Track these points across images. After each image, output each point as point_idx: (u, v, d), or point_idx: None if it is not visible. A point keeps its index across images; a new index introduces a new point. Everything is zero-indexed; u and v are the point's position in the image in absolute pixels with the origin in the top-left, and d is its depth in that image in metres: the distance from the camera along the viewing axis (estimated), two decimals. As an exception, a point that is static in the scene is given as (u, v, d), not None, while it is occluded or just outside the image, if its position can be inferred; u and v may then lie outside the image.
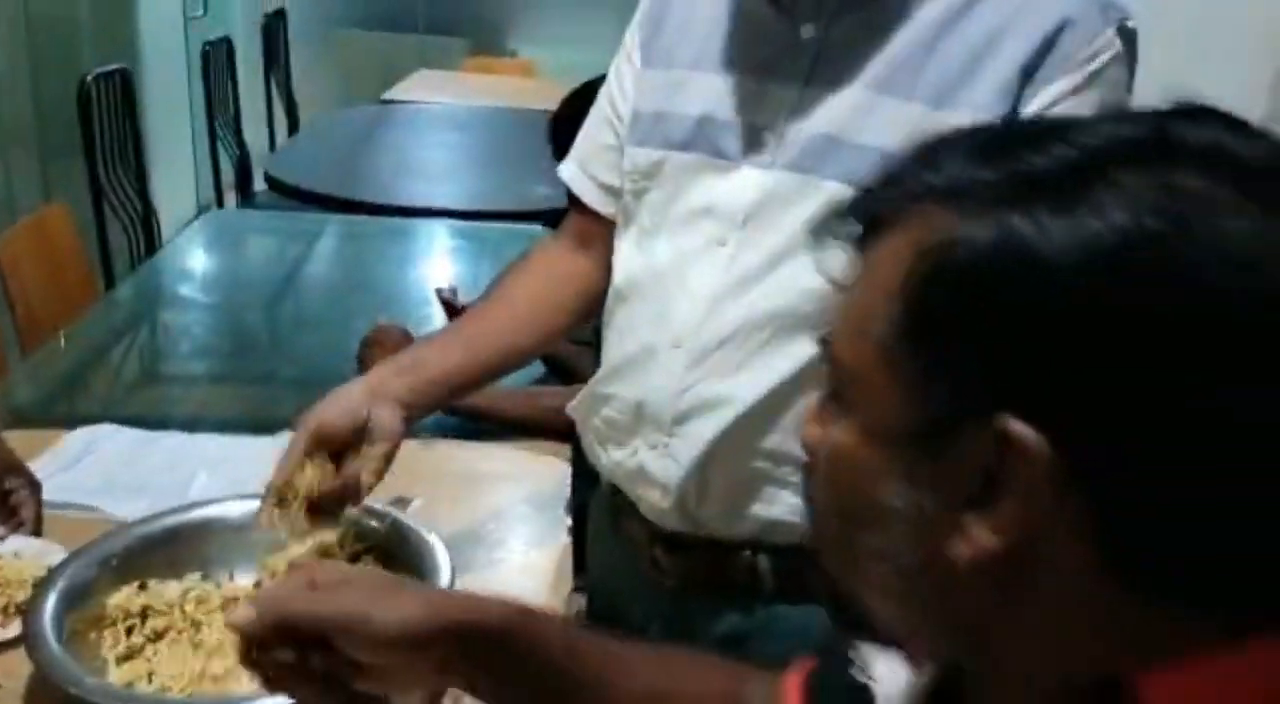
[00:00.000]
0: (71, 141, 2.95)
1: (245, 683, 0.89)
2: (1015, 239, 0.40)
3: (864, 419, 0.46)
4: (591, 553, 1.17)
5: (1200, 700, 0.40)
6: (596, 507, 1.13)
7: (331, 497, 0.99)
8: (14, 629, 1.01)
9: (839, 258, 0.48)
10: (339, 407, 0.98)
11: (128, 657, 0.96)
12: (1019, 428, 0.40)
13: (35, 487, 1.18)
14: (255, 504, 1.11)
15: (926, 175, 0.44)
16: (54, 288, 2.19)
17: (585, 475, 1.44)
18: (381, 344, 1.57)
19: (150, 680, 0.90)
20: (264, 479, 1.28)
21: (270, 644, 0.60)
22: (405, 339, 1.58)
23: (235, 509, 1.11)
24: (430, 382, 1.02)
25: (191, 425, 1.46)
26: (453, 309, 1.76)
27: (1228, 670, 0.40)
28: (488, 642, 0.61)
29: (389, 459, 1.00)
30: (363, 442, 0.98)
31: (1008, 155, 0.43)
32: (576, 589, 1.16)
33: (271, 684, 0.62)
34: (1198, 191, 0.40)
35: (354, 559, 1.06)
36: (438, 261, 2.65)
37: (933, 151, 0.45)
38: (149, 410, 1.64)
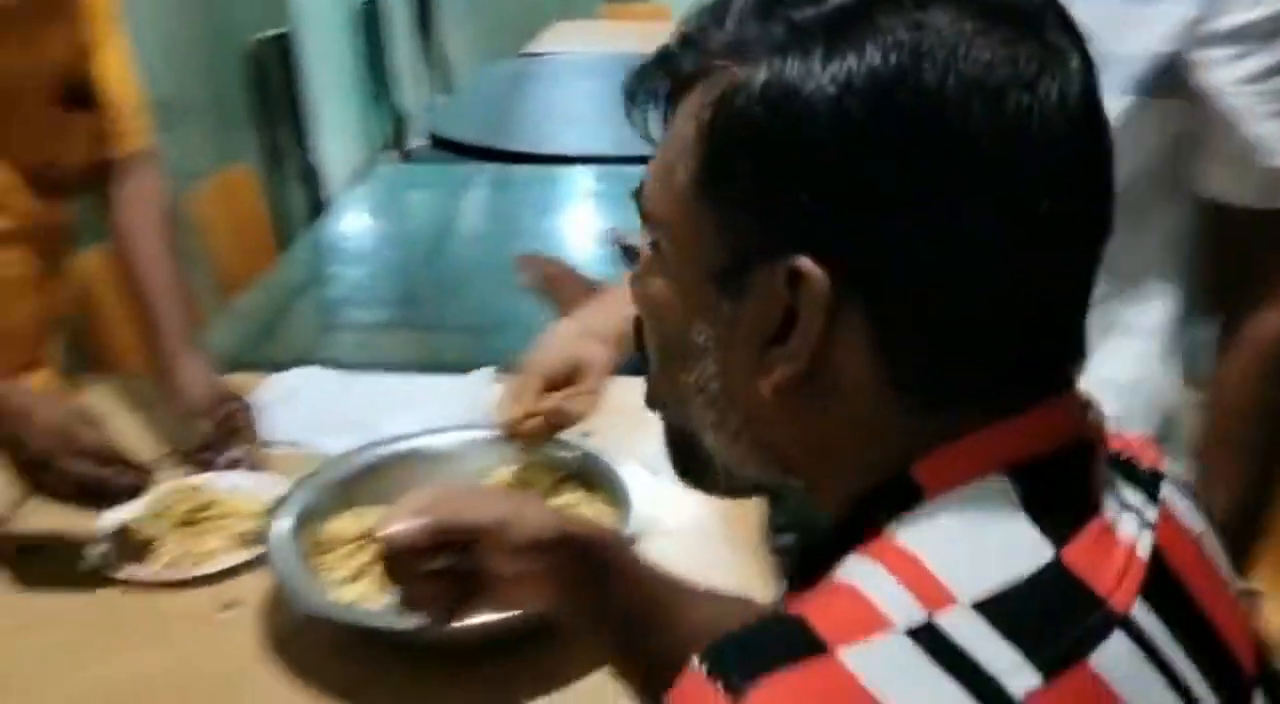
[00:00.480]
0: (242, 107, 3.09)
1: None
2: (784, 81, 0.45)
3: (675, 267, 0.50)
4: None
5: (954, 471, 0.46)
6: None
7: (543, 430, 1.03)
8: (243, 555, 1.09)
9: None
10: (557, 347, 1.02)
11: (351, 579, 1.02)
12: (805, 263, 0.45)
13: (250, 409, 1.26)
14: (453, 438, 1.17)
15: (716, 34, 0.48)
16: (239, 243, 2.31)
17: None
18: (557, 279, 1.61)
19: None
20: (451, 414, 1.35)
21: (419, 552, 0.67)
22: (576, 276, 1.62)
23: (436, 442, 1.16)
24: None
25: (382, 368, 1.52)
26: (626, 249, 1.78)
27: (972, 445, 0.46)
28: (597, 556, 0.69)
29: (599, 395, 1.04)
30: (574, 378, 1.02)
31: (785, 6, 0.46)
32: (779, 529, 1.16)
33: (411, 596, 0.70)
34: (943, 27, 0.44)
35: (555, 488, 1.10)
36: (592, 206, 2.69)
37: (721, 10, 0.48)
38: (337, 355, 1.72)
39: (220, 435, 1.24)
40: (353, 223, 2.66)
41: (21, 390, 1.08)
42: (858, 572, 0.45)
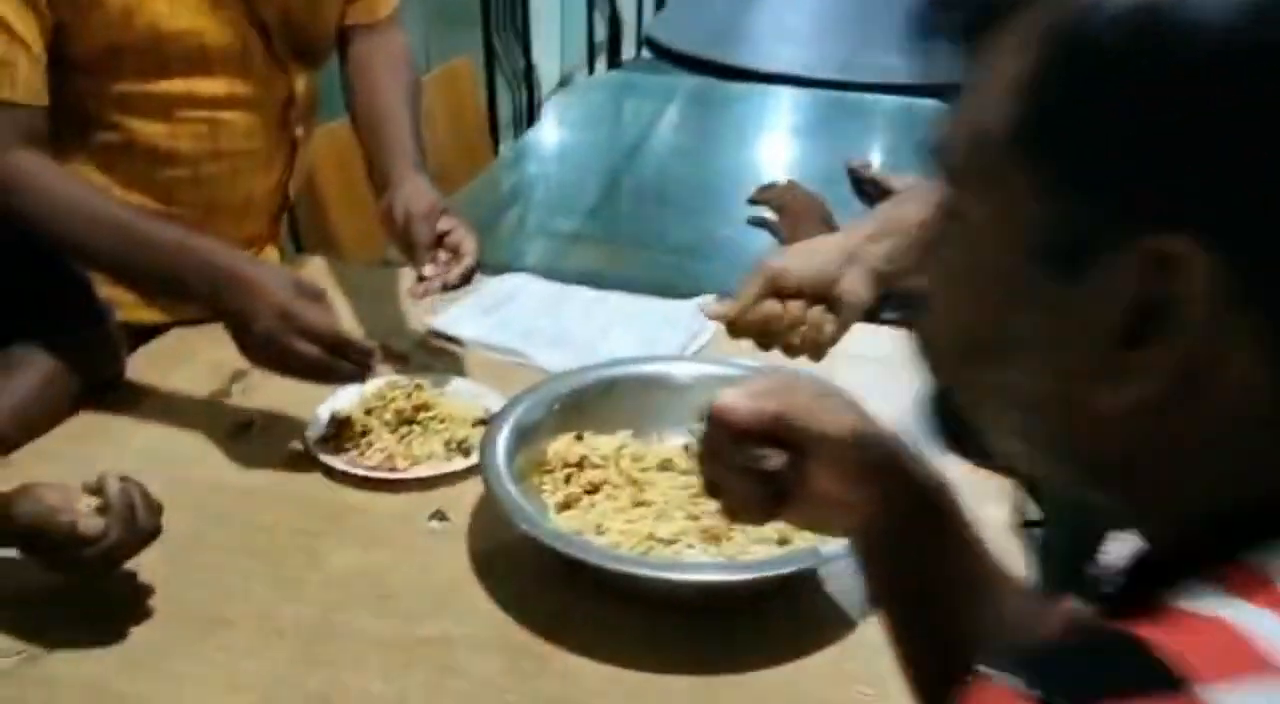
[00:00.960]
0: (467, 2, 3.05)
1: (696, 550, 0.85)
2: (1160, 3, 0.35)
3: (986, 240, 0.41)
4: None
5: None
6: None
7: (767, 332, 0.92)
8: (458, 463, 1.04)
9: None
10: (810, 259, 0.90)
11: (566, 505, 0.95)
12: (1180, 244, 0.35)
13: (466, 226, 1.18)
14: (686, 368, 1.09)
15: None
16: (456, 139, 2.27)
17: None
18: (793, 206, 1.49)
19: (599, 533, 0.89)
20: (670, 340, 1.27)
21: (745, 438, 0.58)
22: (816, 202, 1.49)
23: (667, 371, 1.08)
24: (909, 251, 0.93)
25: (592, 281, 1.45)
26: (865, 182, 1.65)
27: None
28: (932, 502, 0.59)
29: (847, 327, 0.92)
30: (821, 301, 0.90)
31: None
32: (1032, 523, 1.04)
33: (717, 486, 0.61)
34: None
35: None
36: (814, 132, 2.53)
37: None
38: (550, 264, 1.66)
39: (438, 255, 1.14)
40: (563, 130, 2.59)
41: (251, 259, 1.04)
42: (1218, 604, 0.37)
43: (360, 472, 1.02)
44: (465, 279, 1.14)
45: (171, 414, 1.11)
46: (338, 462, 1.02)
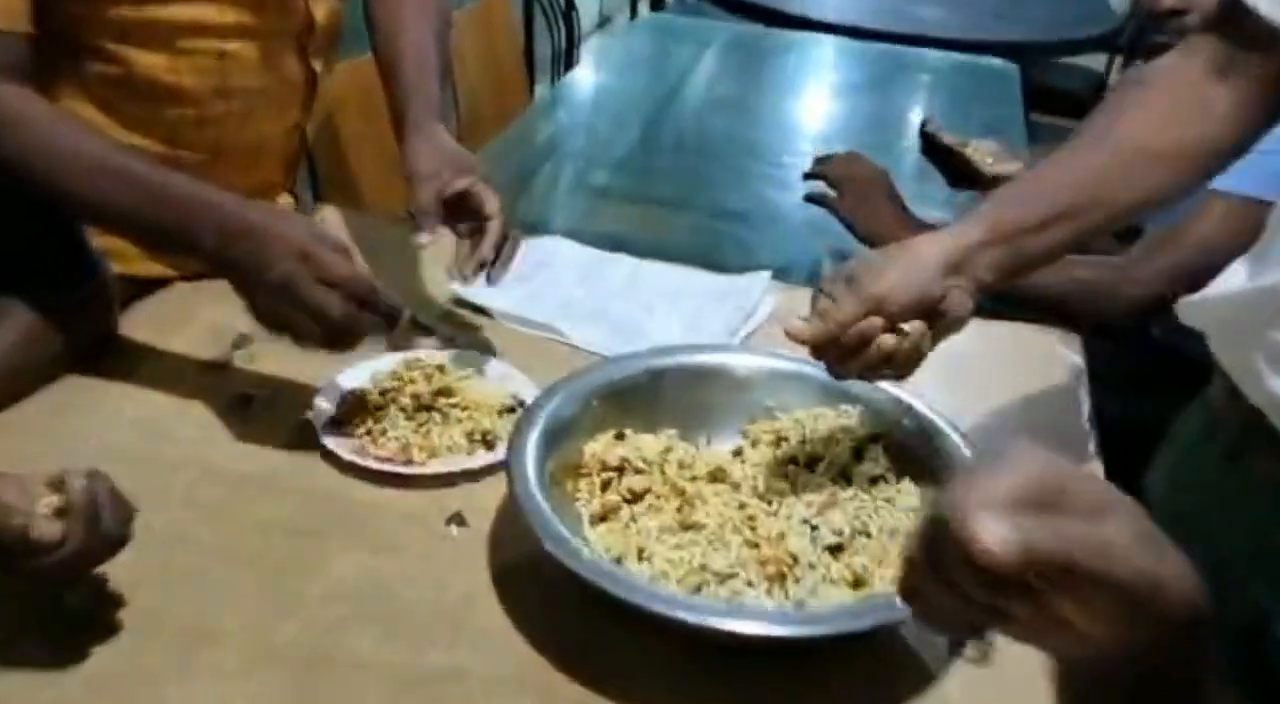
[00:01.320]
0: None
1: (753, 589, 0.74)
2: None
3: None
4: (1165, 474, 0.96)
5: None
6: (1187, 428, 0.90)
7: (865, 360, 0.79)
8: (481, 457, 0.92)
9: None
10: (911, 275, 0.77)
11: (603, 516, 0.83)
12: None
13: (489, 182, 1.04)
14: (747, 361, 0.96)
15: None
16: (490, 78, 2.13)
17: (1122, 378, 1.19)
18: (856, 180, 1.35)
19: (641, 558, 0.77)
20: (721, 322, 1.14)
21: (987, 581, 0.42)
22: (881, 176, 1.35)
23: (724, 362, 0.96)
24: (1017, 254, 0.80)
25: (630, 247, 1.32)
26: (939, 148, 1.50)
27: None
28: (1196, 633, 0.45)
29: (938, 341, 0.80)
30: (921, 316, 0.77)
31: None
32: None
33: (917, 595, 0.46)
34: None
35: (859, 449, 0.88)
36: (866, 87, 2.38)
37: None
38: (585, 225, 1.53)
39: (431, 214, 1.01)
40: (601, 75, 2.44)
41: (259, 205, 0.92)
42: None
43: (371, 463, 0.90)
44: (499, 248, 1.01)
45: (164, 384, 0.99)
46: (345, 449, 0.91)
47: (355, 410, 0.95)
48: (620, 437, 0.89)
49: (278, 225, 0.87)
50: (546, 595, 0.78)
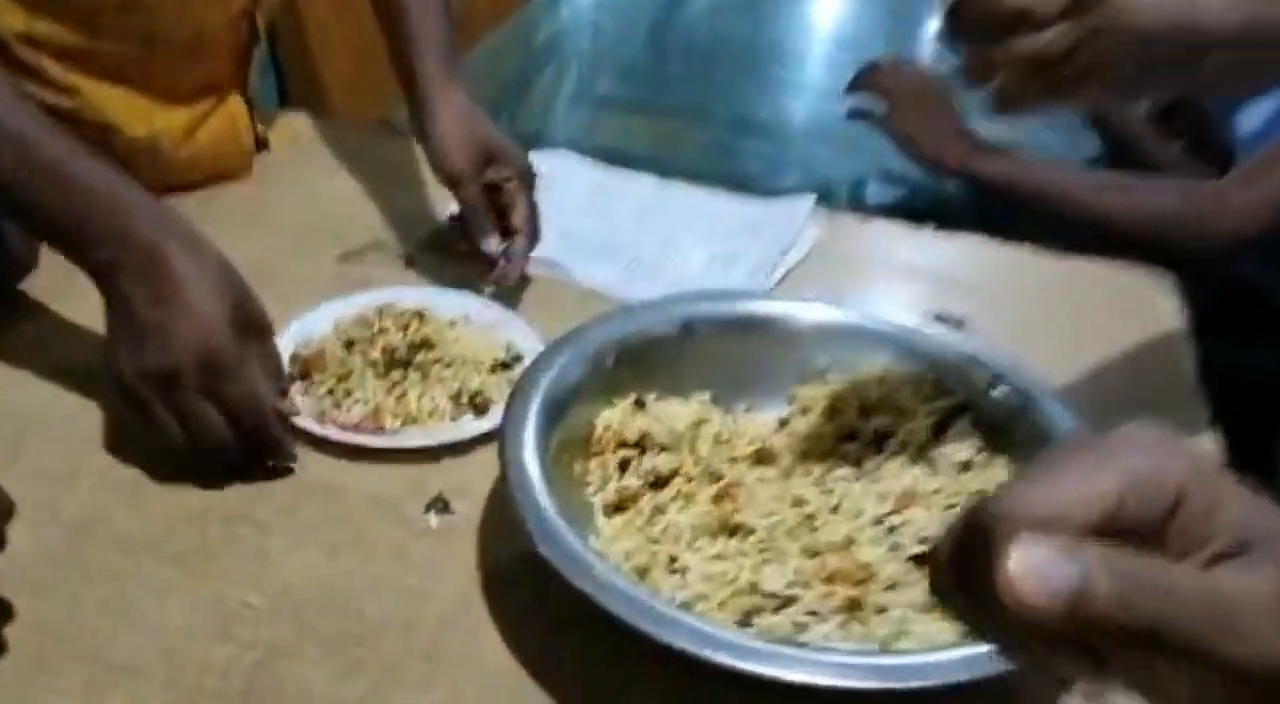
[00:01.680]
0: None
1: (818, 619, 0.57)
2: None
3: None
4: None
5: None
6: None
7: None
8: (469, 425, 0.75)
9: None
10: None
11: (619, 506, 0.67)
12: None
13: (527, 178, 0.89)
14: (798, 310, 0.78)
15: None
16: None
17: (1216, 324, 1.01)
18: (907, 93, 1.16)
19: (672, 570, 0.60)
20: (760, 256, 0.96)
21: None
22: (937, 87, 1.16)
23: (767, 313, 0.78)
24: None
25: (639, 165, 1.13)
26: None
27: None
28: None
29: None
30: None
31: None
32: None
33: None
34: None
35: (942, 423, 0.71)
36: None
37: None
38: (590, 140, 1.34)
39: (484, 215, 0.88)
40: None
41: (185, 238, 0.69)
42: None
43: (331, 433, 0.73)
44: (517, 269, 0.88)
45: (80, 336, 0.81)
46: (302, 417, 0.74)
47: (313, 367, 0.77)
48: (640, 404, 0.71)
49: (193, 296, 0.67)
50: (554, 613, 0.62)
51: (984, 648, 0.50)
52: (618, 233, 1.00)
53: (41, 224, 0.72)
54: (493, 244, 0.89)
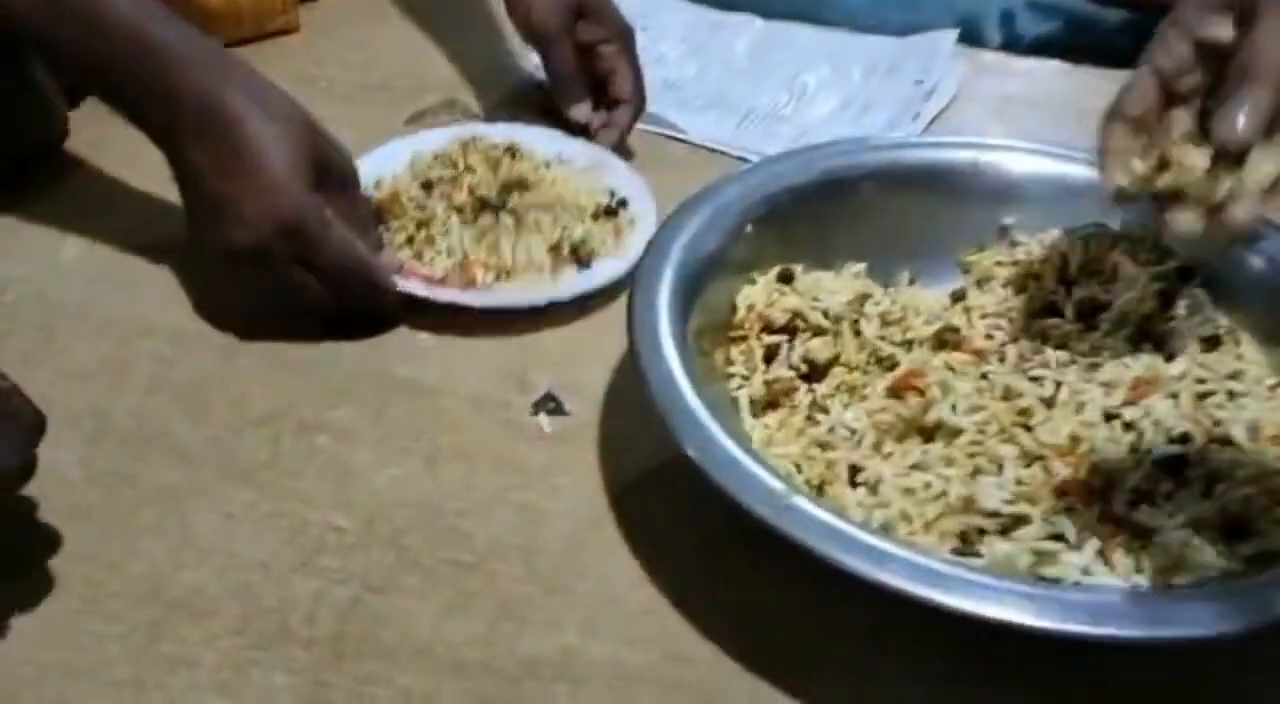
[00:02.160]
0: None
1: (1066, 546, 0.44)
2: None
3: None
4: None
5: None
6: None
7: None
8: (570, 282, 0.63)
9: None
10: None
11: (771, 403, 0.54)
12: None
13: (626, 38, 0.76)
14: (954, 153, 0.65)
15: None
16: None
17: None
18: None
19: (855, 483, 0.48)
20: (908, 104, 0.80)
21: None
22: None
23: (927, 158, 0.64)
24: None
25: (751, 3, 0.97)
26: None
27: None
28: None
29: None
30: None
31: None
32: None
33: None
34: None
35: (1167, 292, 0.57)
36: None
37: None
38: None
39: (575, 80, 0.76)
40: None
41: (258, 88, 0.59)
42: None
43: (417, 288, 0.61)
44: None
45: (124, 211, 0.70)
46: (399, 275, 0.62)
47: (387, 211, 0.66)
48: (787, 278, 0.59)
49: (263, 157, 0.57)
50: (704, 533, 0.51)
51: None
52: (726, 81, 0.85)
53: (74, 71, 0.61)
54: (584, 112, 0.75)
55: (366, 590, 0.49)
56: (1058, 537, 0.44)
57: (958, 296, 0.61)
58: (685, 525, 0.52)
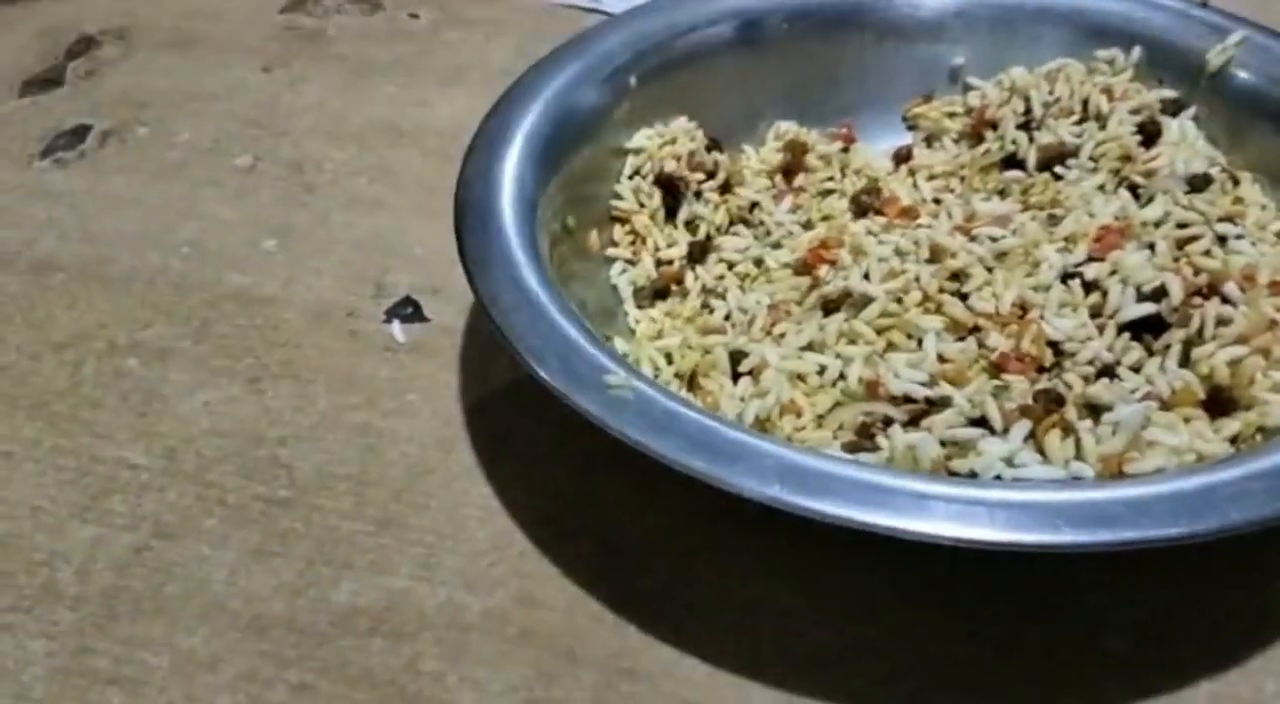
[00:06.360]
0: None
1: (991, 440, 0.34)
2: None
3: None
4: None
5: None
6: None
7: None
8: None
9: None
10: None
11: (660, 292, 0.45)
12: None
13: None
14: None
15: None
16: None
17: None
18: None
19: (739, 371, 0.38)
20: None
21: None
22: None
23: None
24: None
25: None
26: None
27: None
28: None
29: None
30: None
31: None
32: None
33: None
34: None
35: (1148, 128, 0.46)
36: None
37: None
38: None
39: None
40: None
41: None
42: None
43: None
44: None
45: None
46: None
47: None
48: (716, 147, 0.48)
49: None
50: (569, 458, 0.41)
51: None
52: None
53: None
54: None
55: (155, 537, 0.40)
56: (979, 421, 0.33)
57: (901, 157, 0.50)
58: (550, 446, 0.42)
